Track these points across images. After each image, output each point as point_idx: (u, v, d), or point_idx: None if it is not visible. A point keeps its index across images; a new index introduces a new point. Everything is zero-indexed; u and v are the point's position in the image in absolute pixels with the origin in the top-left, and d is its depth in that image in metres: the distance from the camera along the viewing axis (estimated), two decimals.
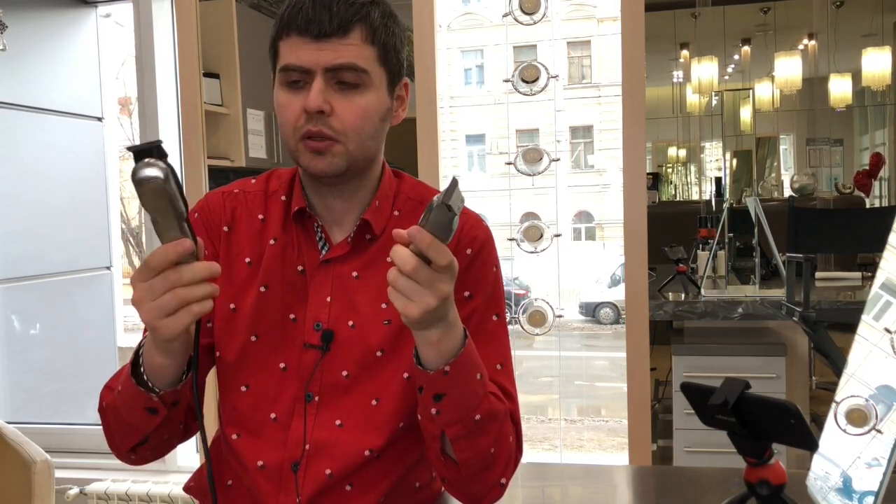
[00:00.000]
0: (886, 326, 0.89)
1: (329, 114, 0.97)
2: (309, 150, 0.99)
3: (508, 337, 1.11)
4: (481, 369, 0.94)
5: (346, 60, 0.96)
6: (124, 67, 6.33)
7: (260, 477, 1.03)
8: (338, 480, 1.02)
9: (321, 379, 1.03)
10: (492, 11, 15.35)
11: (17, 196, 3.09)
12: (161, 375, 0.92)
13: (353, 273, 1.05)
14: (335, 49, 0.96)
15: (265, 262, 1.05)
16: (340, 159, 0.99)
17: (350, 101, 0.98)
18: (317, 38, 0.95)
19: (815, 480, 0.99)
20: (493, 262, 1.10)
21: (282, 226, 1.07)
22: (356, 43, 0.97)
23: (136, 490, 2.59)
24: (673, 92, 4.48)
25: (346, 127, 0.98)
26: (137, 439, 1.00)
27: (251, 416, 1.04)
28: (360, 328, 1.03)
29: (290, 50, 0.97)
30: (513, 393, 1.06)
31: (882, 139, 4.36)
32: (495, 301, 1.09)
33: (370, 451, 1.02)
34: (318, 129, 0.97)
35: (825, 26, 4.24)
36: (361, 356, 1.03)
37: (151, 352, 0.91)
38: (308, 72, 0.97)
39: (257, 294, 1.04)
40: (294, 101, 0.98)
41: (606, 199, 16.44)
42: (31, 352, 3.32)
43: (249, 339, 1.04)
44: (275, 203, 1.09)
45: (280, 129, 1.02)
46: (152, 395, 0.93)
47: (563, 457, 4.98)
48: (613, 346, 10.06)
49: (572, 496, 1.29)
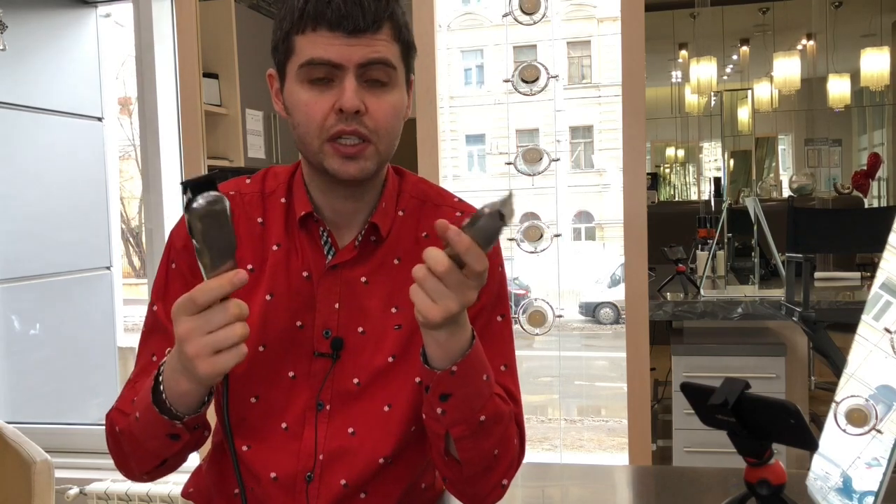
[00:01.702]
0: (886, 326, 0.89)
1: (363, 113, 0.94)
2: (339, 155, 0.95)
3: (513, 338, 1.09)
4: (488, 370, 0.93)
5: (379, 55, 0.94)
6: (124, 67, 6.33)
7: (273, 488, 1.01)
8: (353, 491, 1.00)
9: (332, 387, 1.01)
10: (492, 11, 15.34)
11: (17, 196, 3.09)
12: (185, 401, 0.89)
13: (362, 278, 1.02)
14: (368, 45, 0.93)
15: (269, 268, 1.02)
16: (372, 162, 0.96)
17: (381, 99, 0.95)
18: (351, 33, 0.92)
19: (815, 480, 0.99)
20: (498, 262, 1.08)
21: (284, 230, 1.03)
22: (386, 39, 0.94)
23: (135, 490, 2.59)
24: (672, 92, 4.49)
25: (379, 126, 0.95)
26: (156, 464, 0.98)
27: (261, 427, 1.02)
28: (371, 334, 1.01)
29: (317, 45, 0.93)
30: (517, 395, 1.05)
31: (881, 139, 4.37)
32: (501, 301, 1.07)
33: (385, 458, 1.00)
34: (352, 128, 0.93)
35: (824, 27, 4.25)
36: (373, 363, 1.01)
37: (175, 376, 0.86)
38: (338, 67, 0.93)
39: (263, 302, 1.01)
40: (321, 99, 0.94)
41: (606, 199, 16.45)
42: (31, 352, 3.32)
43: (257, 349, 1.01)
44: (273, 205, 1.05)
45: (299, 128, 0.97)
46: (176, 421, 0.90)
47: (563, 457, 4.98)
48: (613, 346, 10.06)
49: (572, 496, 1.29)
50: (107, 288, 3.41)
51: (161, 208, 2.76)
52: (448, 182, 1.78)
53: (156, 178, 2.77)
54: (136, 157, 10.72)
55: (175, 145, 2.78)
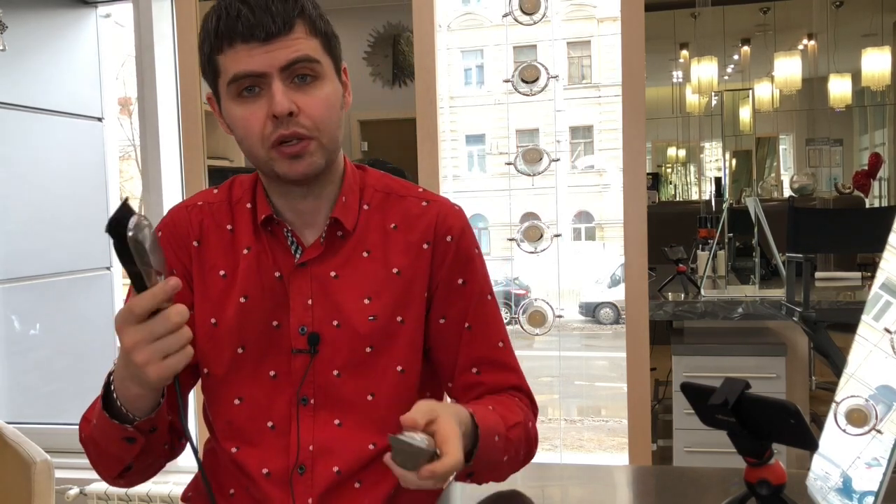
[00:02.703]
0: (886, 326, 0.89)
1: (297, 113, 0.96)
2: (285, 157, 0.97)
3: (500, 310, 1.14)
4: (499, 431, 0.97)
5: (299, 54, 0.95)
6: (124, 67, 6.33)
7: (267, 485, 1.02)
8: (346, 478, 1.02)
9: (314, 381, 1.03)
10: (492, 11, 15.33)
11: (17, 196, 3.09)
12: (138, 405, 0.91)
13: (332, 273, 1.04)
14: (285, 46, 0.95)
15: (241, 272, 1.04)
16: (318, 157, 0.99)
17: (311, 95, 0.97)
18: (265, 40, 0.94)
19: (815, 480, 0.99)
20: (474, 245, 1.11)
21: (253, 234, 1.06)
22: (302, 36, 0.96)
23: (135, 490, 2.59)
24: (672, 92, 4.48)
25: (316, 121, 0.97)
26: (121, 468, 0.99)
27: (248, 428, 1.03)
28: (346, 326, 1.03)
29: (237, 59, 0.95)
30: (516, 366, 1.10)
31: (882, 139, 4.36)
32: (486, 282, 1.11)
33: (374, 444, 1.02)
34: (291, 130, 0.96)
35: (825, 26, 4.24)
36: (350, 354, 1.03)
37: (125, 383, 0.89)
38: (262, 76, 0.95)
39: (237, 305, 1.03)
40: (254, 110, 0.96)
41: (606, 199, 16.44)
42: (31, 352, 3.32)
43: (236, 351, 1.03)
44: (241, 211, 1.07)
45: (243, 143, 1.00)
46: (127, 426, 0.92)
47: (563, 457, 4.97)
48: (613, 346, 10.06)
49: (572, 496, 1.29)
50: (107, 288, 3.41)
51: (161, 208, 2.76)
52: (448, 182, 1.78)
53: (156, 178, 2.77)
54: (136, 157, 10.72)
55: (175, 145, 2.78)
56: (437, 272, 1.07)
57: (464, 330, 1.07)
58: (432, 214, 1.08)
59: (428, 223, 1.07)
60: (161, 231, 1.08)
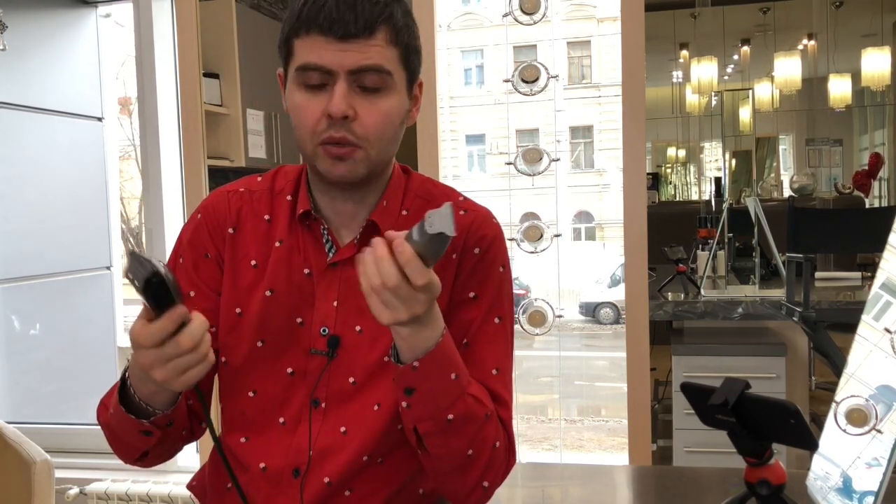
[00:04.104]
0: (886, 326, 0.89)
1: (353, 119, 0.94)
2: (329, 156, 0.95)
3: (511, 341, 1.07)
4: (458, 370, 0.92)
5: (372, 62, 0.93)
6: (124, 67, 6.33)
7: (261, 479, 1.01)
8: (337, 488, 1.01)
9: (328, 385, 1.01)
10: (492, 11, 15.34)
11: (17, 196, 3.09)
12: (157, 399, 0.91)
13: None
14: (360, 50, 0.92)
15: (271, 265, 1.03)
16: (361, 165, 0.96)
17: (373, 105, 0.94)
18: (341, 38, 0.91)
19: (815, 480, 0.99)
20: (500, 262, 1.06)
21: (288, 227, 1.04)
22: (381, 44, 0.93)
23: (135, 490, 2.59)
24: (672, 92, 4.48)
25: (369, 132, 0.95)
26: (136, 455, 1.00)
27: (259, 421, 1.03)
28: (368, 333, 1.01)
29: (310, 49, 0.93)
30: (506, 399, 1.03)
31: (881, 139, 4.37)
32: (499, 303, 1.04)
33: (368, 456, 1.00)
34: (340, 135, 0.94)
35: (825, 26, 4.25)
36: (368, 362, 1.01)
37: (143, 382, 0.89)
38: (330, 73, 0.93)
39: (263, 298, 1.02)
40: (314, 103, 0.94)
41: (606, 199, 16.44)
42: (31, 352, 3.32)
43: (256, 344, 1.02)
44: (281, 202, 1.05)
45: (296, 130, 0.98)
46: (143, 420, 0.92)
47: (563, 457, 4.98)
48: (613, 346, 10.05)
49: (572, 496, 1.29)
50: (107, 288, 3.41)
51: (161, 208, 2.77)
52: (448, 182, 1.78)
53: (156, 178, 2.77)
54: (136, 157, 10.72)
55: (175, 145, 2.78)
56: (456, 283, 1.03)
57: (461, 346, 1.01)
58: (466, 224, 1.04)
59: (460, 233, 1.03)
60: (200, 213, 1.07)
